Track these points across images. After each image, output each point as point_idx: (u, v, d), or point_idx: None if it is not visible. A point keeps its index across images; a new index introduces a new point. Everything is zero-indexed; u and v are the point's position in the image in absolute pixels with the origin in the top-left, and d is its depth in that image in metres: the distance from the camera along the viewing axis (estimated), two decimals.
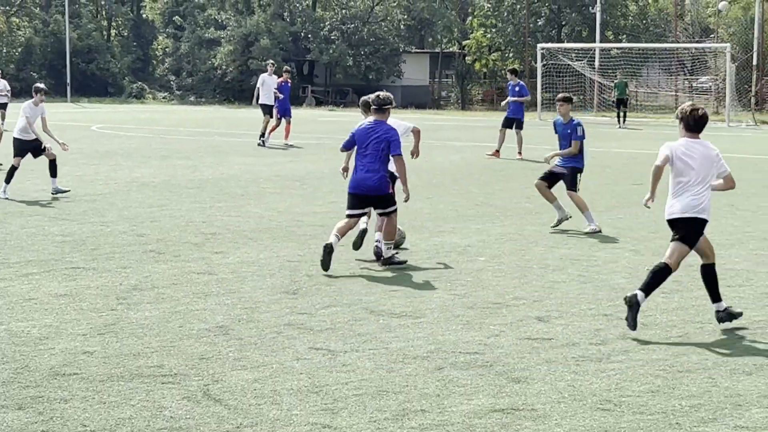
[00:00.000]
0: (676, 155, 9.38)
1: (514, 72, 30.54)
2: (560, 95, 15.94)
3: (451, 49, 79.18)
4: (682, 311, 10.12)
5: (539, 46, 55.10)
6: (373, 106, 12.74)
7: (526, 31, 66.95)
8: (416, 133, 14.00)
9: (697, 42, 65.36)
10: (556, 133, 15.72)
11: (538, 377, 7.92)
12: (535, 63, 55.11)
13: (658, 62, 63.25)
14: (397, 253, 12.57)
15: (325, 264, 11.77)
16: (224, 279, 11.42)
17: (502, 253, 13.25)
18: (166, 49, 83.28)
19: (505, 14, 71.11)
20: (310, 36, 73.51)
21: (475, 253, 13.23)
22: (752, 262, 12.72)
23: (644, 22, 70.12)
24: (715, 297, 9.53)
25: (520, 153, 27.57)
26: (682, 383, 7.79)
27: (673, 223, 9.42)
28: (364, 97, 13.45)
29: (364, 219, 12.92)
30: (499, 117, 32.45)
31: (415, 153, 14.15)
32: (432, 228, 15.30)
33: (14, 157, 19.06)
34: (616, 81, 47.53)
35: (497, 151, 27.90)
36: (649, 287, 9.32)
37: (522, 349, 8.69)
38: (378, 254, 12.44)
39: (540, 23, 72.01)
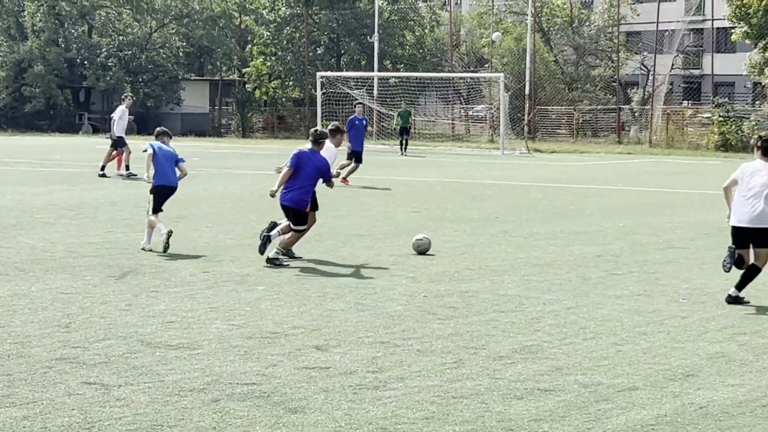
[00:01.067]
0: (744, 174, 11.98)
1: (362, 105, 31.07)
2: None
3: (231, 77, 78.90)
4: (457, 337, 10.30)
5: (319, 74, 55.48)
6: (311, 138, 15.17)
7: (306, 60, 67.33)
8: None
9: (472, 71, 67.10)
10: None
11: (315, 406, 7.91)
12: (315, 91, 55.45)
13: (435, 91, 64.65)
14: (283, 258, 14.60)
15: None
16: None
17: (281, 282, 13.23)
18: None
19: (285, 42, 71.38)
20: (86, 62, 72.09)
21: (254, 282, 13.16)
22: (524, 288, 13.07)
23: (421, 51, 71.52)
24: (741, 287, 12.01)
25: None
26: (456, 409, 7.92)
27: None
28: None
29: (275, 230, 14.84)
30: (281, 145, 32.46)
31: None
32: (211, 257, 15.15)
33: None
34: (399, 110, 48.18)
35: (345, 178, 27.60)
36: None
37: (299, 379, 8.67)
38: (264, 243, 14.67)
39: (319, 52, 72.56)
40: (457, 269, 14.41)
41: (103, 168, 29.74)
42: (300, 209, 14.93)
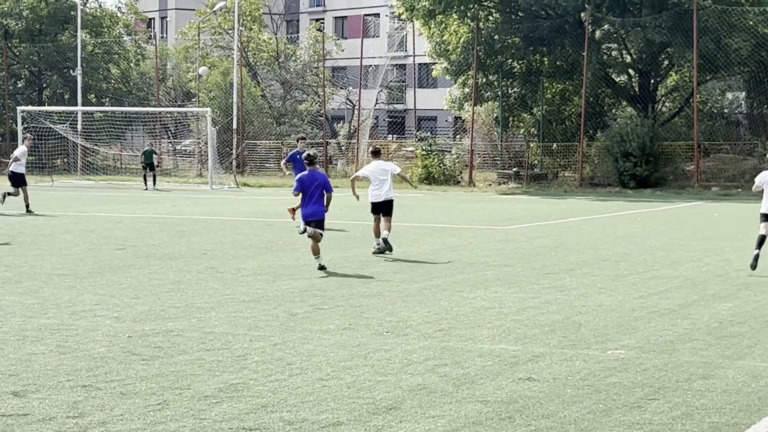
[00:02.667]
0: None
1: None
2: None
3: None
4: (162, 377, 10.10)
5: (19, 108, 53.73)
6: (306, 162, 18.74)
7: (6, 94, 65.07)
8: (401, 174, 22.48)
9: (179, 106, 66.65)
10: None
11: None
12: (17, 126, 53.65)
13: (142, 125, 63.83)
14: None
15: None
16: None
17: None
18: None
19: None
20: None
21: None
22: (230, 325, 12.98)
23: (127, 85, 70.45)
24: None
25: None
26: None
27: None
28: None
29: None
30: None
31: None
32: None
33: None
34: (144, 149, 50.28)
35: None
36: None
37: None
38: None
39: (20, 85, 70.29)
40: (163, 307, 14.19)
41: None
42: (321, 218, 18.72)
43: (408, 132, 70.67)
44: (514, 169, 50.91)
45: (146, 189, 45.61)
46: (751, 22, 45.90)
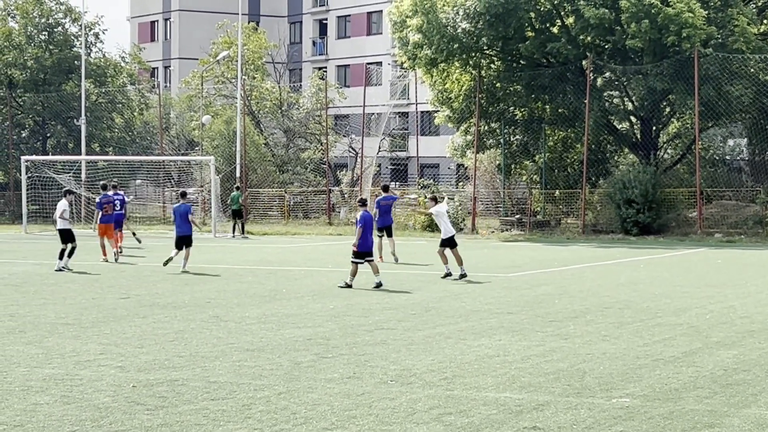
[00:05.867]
0: None
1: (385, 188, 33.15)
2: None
3: None
4: (166, 427, 10.11)
5: (23, 158, 53.89)
6: (360, 204, 25.07)
7: (10, 143, 65.30)
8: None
9: (183, 154, 66.83)
10: None
11: None
12: (20, 175, 53.79)
13: (146, 174, 63.92)
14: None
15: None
16: None
17: None
18: None
19: None
20: None
21: None
22: (235, 374, 12.99)
23: (131, 134, 70.66)
24: None
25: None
26: None
27: None
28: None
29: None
30: None
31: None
32: None
33: None
34: (232, 193, 49.60)
35: None
36: None
37: None
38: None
39: (24, 135, 70.53)
40: (167, 357, 14.19)
41: None
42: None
43: (411, 179, 70.79)
44: (517, 216, 50.94)
45: (233, 236, 46.57)
46: (752, 70, 46.03)
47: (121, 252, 32.23)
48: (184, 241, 28.40)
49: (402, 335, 16.37)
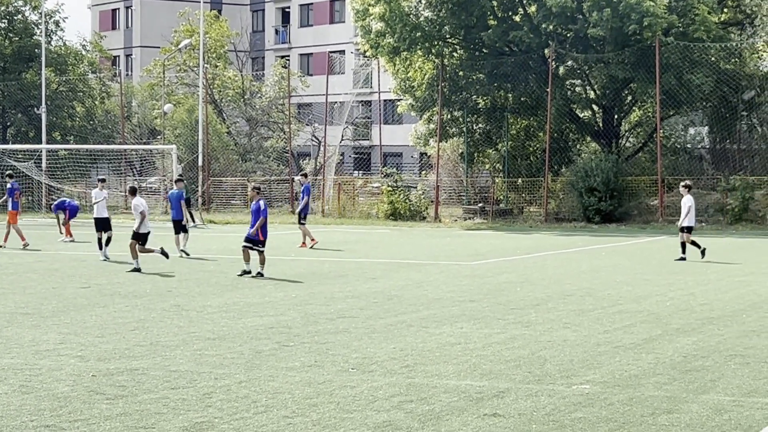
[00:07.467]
0: None
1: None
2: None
3: None
4: (126, 417, 10.04)
5: None
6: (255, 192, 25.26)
7: None
8: None
9: (144, 143, 66.48)
10: None
11: None
12: None
13: (107, 163, 63.60)
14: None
15: None
16: None
17: None
18: None
19: None
20: None
21: None
22: (195, 363, 12.93)
23: (92, 123, 70.21)
24: None
25: None
26: None
27: None
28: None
29: None
30: None
31: None
32: None
33: None
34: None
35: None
36: None
37: None
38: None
39: None
40: (128, 346, 14.12)
41: None
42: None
43: (374, 168, 70.80)
44: (480, 205, 51.06)
45: (195, 225, 46.24)
46: (712, 58, 46.37)
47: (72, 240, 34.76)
48: (176, 225, 30.71)
49: (364, 323, 16.36)
